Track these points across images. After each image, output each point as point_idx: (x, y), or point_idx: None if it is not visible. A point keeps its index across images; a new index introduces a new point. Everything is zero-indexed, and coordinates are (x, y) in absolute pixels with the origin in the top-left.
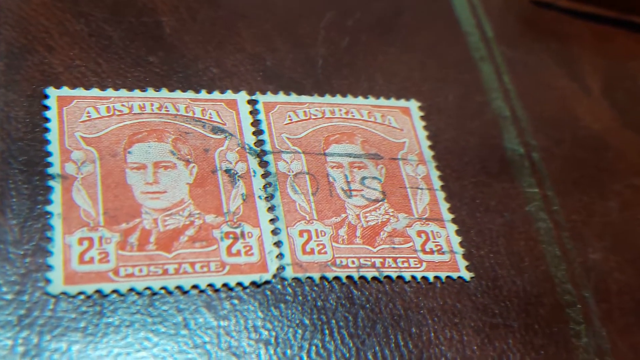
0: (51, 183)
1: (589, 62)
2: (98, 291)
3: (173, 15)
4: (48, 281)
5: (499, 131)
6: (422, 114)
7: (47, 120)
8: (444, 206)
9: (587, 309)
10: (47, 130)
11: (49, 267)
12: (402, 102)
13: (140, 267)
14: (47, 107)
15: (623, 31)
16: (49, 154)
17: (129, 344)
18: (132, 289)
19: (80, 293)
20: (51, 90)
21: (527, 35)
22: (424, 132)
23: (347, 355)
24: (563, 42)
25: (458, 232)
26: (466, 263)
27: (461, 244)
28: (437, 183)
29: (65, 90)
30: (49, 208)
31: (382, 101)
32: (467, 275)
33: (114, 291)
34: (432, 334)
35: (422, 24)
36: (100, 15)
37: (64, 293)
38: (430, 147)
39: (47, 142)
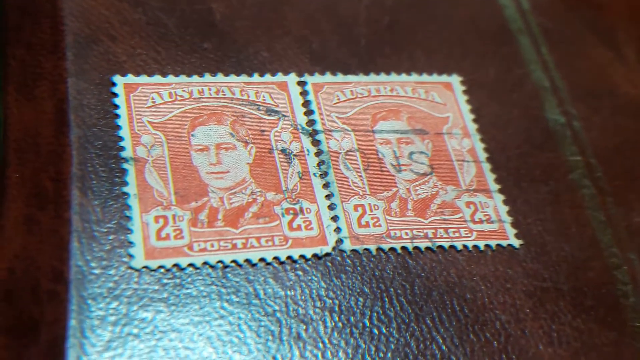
0: (125, 166)
1: (623, 30)
2: (176, 265)
3: (222, 1)
4: (131, 256)
5: (540, 102)
6: (464, 88)
7: (117, 106)
8: (490, 177)
9: (633, 270)
10: (117, 116)
11: (131, 244)
12: (445, 78)
13: (212, 242)
14: (115, 94)
15: None
16: (121, 138)
17: (207, 313)
18: (205, 263)
19: (160, 267)
20: (118, 78)
21: (562, 5)
22: (467, 105)
23: (407, 320)
24: (596, 11)
25: (505, 202)
26: (515, 231)
27: (509, 213)
28: (483, 155)
29: (131, 78)
30: (125, 189)
31: (424, 77)
32: (516, 242)
33: (190, 265)
34: (486, 299)
35: None
36: (155, 4)
37: (145, 267)
38: (474, 120)
39: (119, 127)
